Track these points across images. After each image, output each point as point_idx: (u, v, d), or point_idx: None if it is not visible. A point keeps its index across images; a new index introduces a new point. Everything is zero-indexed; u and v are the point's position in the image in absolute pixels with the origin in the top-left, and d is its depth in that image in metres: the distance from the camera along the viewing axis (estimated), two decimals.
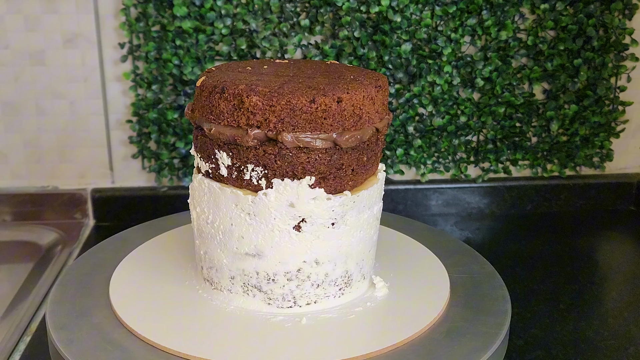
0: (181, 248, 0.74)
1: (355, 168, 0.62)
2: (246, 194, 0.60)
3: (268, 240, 0.61)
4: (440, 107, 1.06)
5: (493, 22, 1.02)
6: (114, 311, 0.64)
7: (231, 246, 0.62)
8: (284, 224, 0.60)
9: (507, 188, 1.12)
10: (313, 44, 1.03)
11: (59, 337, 0.60)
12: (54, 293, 0.67)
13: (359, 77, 0.63)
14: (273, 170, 0.59)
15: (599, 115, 1.08)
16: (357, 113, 0.60)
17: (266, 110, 0.58)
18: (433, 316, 0.63)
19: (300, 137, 0.58)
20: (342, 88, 0.59)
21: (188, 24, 0.99)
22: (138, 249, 0.75)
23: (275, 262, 0.61)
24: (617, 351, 0.76)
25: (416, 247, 0.77)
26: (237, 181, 0.61)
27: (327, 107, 0.58)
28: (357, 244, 0.64)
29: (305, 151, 0.59)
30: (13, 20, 1.00)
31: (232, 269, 0.63)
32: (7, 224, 1.07)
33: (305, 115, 0.58)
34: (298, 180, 0.59)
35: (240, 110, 0.58)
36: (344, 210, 0.61)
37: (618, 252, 1.02)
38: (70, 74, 1.03)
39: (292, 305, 0.63)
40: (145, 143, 1.05)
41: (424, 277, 0.70)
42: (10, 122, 1.05)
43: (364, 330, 0.62)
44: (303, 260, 0.62)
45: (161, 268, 0.71)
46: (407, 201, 1.11)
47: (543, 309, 0.84)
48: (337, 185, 0.61)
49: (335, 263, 0.63)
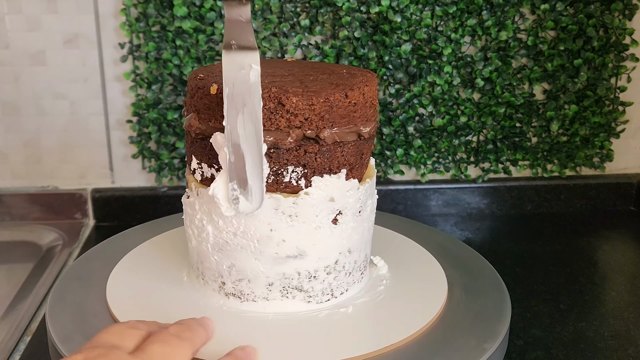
0: (182, 250, 0.74)
1: (367, 156, 0.65)
2: (286, 196, 0.60)
3: (310, 239, 0.61)
4: (441, 107, 1.06)
5: (493, 23, 1.02)
6: (110, 312, 0.64)
7: (269, 252, 0.61)
8: (324, 219, 0.61)
9: (507, 188, 1.12)
10: (313, 44, 1.03)
11: (59, 337, 0.60)
12: (53, 293, 0.67)
13: (352, 71, 0.65)
14: (312, 168, 0.60)
15: (599, 116, 1.08)
16: (374, 104, 0.63)
17: (306, 110, 0.58)
18: (430, 317, 0.63)
19: (337, 132, 0.60)
20: (360, 82, 0.61)
21: (188, 24, 0.99)
22: (139, 248, 0.75)
23: (317, 258, 0.62)
24: (617, 351, 0.76)
25: (414, 247, 0.77)
26: (272, 185, 0.60)
27: (357, 101, 0.60)
28: (370, 228, 0.67)
29: (340, 145, 0.60)
30: (13, 20, 1.00)
31: (271, 275, 0.62)
32: (7, 224, 1.07)
33: (340, 110, 0.59)
34: (335, 175, 0.61)
35: (279, 112, 0.58)
36: (366, 197, 0.64)
37: (618, 252, 1.02)
38: (70, 74, 1.03)
39: (329, 298, 0.64)
40: (145, 143, 1.05)
41: (422, 278, 0.70)
42: (10, 122, 1.05)
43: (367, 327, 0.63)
44: (339, 251, 0.63)
45: (162, 269, 0.71)
46: (407, 201, 1.11)
47: (543, 309, 0.84)
48: (359, 175, 0.64)
49: (360, 249, 0.65)
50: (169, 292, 0.67)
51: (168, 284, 0.68)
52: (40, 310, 0.83)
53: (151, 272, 0.70)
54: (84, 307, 0.65)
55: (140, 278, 0.69)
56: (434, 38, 1.02)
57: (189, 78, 0.63)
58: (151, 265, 0.72)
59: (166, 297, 0.66)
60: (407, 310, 0.64)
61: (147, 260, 0.73)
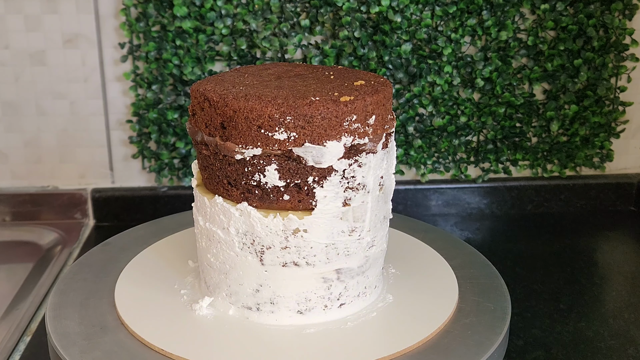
0: (185, 253, 0.74)
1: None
2: (345, 206, 0.60)
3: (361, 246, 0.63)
4: (441, 107, 1.06)
5: (493, 23, 1.02)
6: (117, 312, 0.64)
7: (329, 268, 0.62)
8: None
9: (507, 188, 1.12)
10: (313, 44, 1.03)
11: (59, 338, 0.60)
12: (54, 293, 0.67)
13: (336, 73, 0.66)
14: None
15: (599, 116, 1.08)
16: None
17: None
18: (443, 319, 0.63)
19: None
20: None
21: (188, 24, 0.99)
22: (147, 250, 0.75)
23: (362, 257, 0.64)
24: (617, 351, 0.76)
25: (423, 248, 0.77)
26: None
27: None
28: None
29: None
30: (13, 20, 1.00)
31: (320, 291, 0.63)
32: (7, 224, 1.07)
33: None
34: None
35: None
36: None
37: (618, 252, 1.02)
38: (70, 74, 1.03)
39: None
40: (145, 143, 1.05)
41: (433, 280, 0.70)
42: (10, 122, 1.05)
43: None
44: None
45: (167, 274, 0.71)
46: (407, 201, 1.11)
47: (543, 309, 0.84)
48: None
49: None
50: (171, 294, 0.67)
51: (170, 287, 0.68)
52: (40, 310, 0.83)
53: (157, 274, 0.70)
54: (84, 307, 0.65)
55: (147, 279, 0.69)
56: (434, 38, 1.02)
57: (218, 103, 0.59)
58: (158, 267, 0.72)
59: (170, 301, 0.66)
60: (424, 312, 0.65)
61: (156, 262, 0.73)
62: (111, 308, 0.65)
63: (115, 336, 0.61)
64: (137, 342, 0.60)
